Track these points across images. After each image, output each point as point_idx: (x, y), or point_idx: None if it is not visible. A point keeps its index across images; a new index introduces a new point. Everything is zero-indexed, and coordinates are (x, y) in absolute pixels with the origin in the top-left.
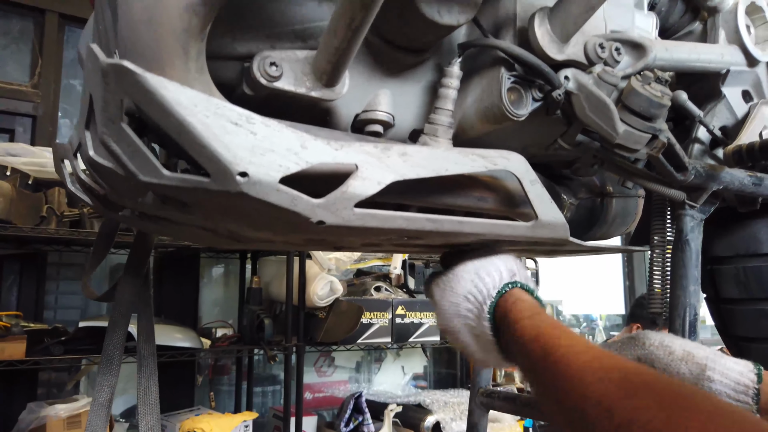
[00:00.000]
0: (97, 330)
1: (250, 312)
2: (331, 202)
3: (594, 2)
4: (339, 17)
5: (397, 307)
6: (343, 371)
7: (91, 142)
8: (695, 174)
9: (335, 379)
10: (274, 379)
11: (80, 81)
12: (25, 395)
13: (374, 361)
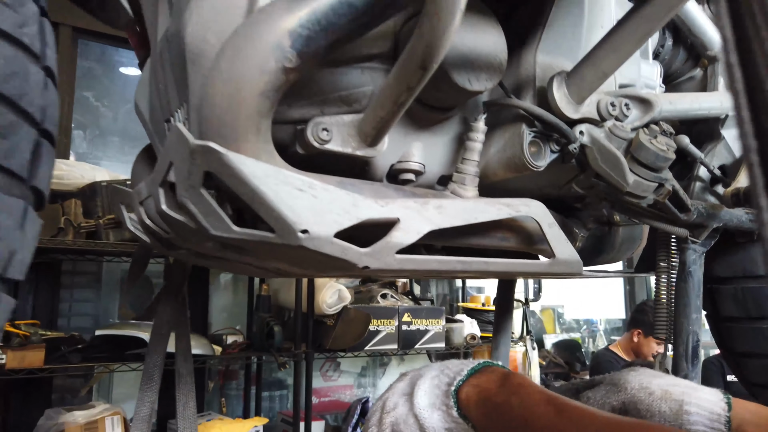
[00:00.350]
0: (113, 338)
1: (260, 319)
2: (376, 251)
3: (606, 70)
4: (387, 95)
5: (403, 314)
6: (349, 376)
7: (164, 198)
8: (697, 213)
9: (340, 383)
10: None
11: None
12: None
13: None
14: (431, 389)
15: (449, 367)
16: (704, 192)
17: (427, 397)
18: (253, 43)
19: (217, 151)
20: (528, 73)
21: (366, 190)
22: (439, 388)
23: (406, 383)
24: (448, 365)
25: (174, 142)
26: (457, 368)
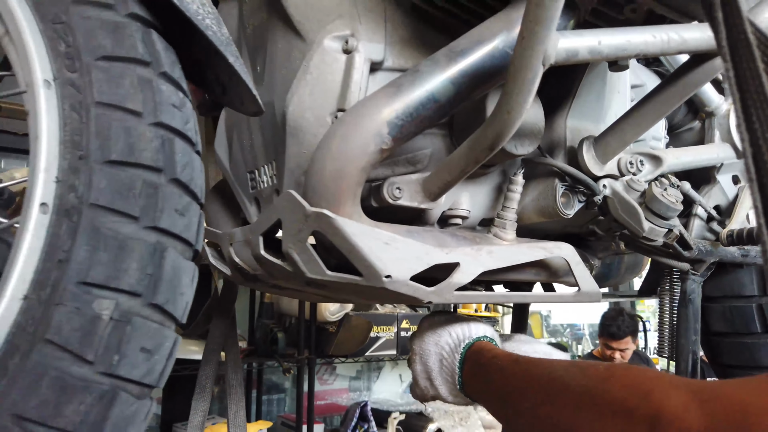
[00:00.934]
0: None
1: (264, 326)
2: (440, 290)
3: (628, 140)
4: (455, 164)
5: (402, 321)
6: (343, 380)
7: (260, 244)
8: (698, 251)
9: (336, 387)
10: (278, 387)
11: None
12: None
13: (374, 370)
14: (442, 376)
15: (446, 352)
16: (702, 229)
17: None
18: (358, 130)
19: (329, 216)
20: (560, 135)
21: (428, 239)
22: (447, 374)
23: (423, 373)
24: (444, 348)
25: (286, 205)
26: (452, 354)
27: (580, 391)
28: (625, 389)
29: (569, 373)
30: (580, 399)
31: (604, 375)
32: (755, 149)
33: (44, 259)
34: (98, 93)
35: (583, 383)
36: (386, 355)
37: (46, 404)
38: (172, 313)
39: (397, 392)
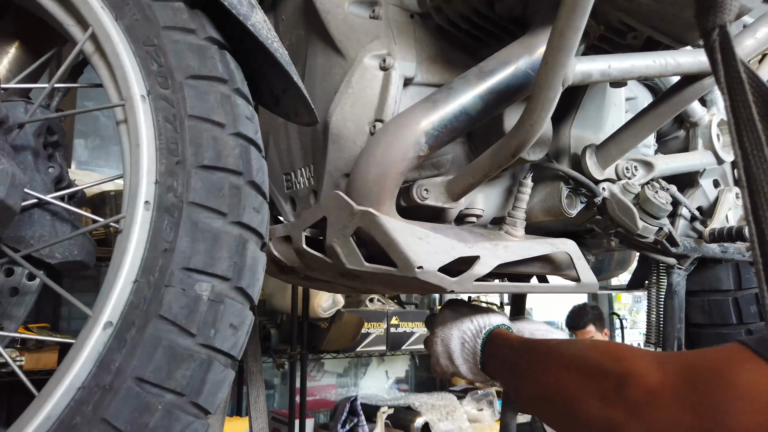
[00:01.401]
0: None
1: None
2: (462, 280)
3: (626, 148)
4: (479, 168)
5: (392, 317)
6: (331, 376)
7: (302, 239)
8: (683, 247)
9: (323, 383)
10: (268, 384)
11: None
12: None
13: (361, 366)
14: (464, 357)
15: (468, 336)
16: (686, 228)
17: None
18: (400, 139)
19: (374, 214)
20: (565, 143)
21: (451, 234)
22: (468, 355)
23: (445, 354)
24: (466, 333)
25: (333, 204)
26: (474, 338)
27: (569, 359)
28: (602, 356)
29: (562, 347)
30: (570, 364)
31: (589, 346)
32: (746, 162)
33: (150, 248)
34: (190, 107)
35: (572, 353)
36: (376, 350)
37: (160, 369)
38: (251, 295)
39: (384, 387)
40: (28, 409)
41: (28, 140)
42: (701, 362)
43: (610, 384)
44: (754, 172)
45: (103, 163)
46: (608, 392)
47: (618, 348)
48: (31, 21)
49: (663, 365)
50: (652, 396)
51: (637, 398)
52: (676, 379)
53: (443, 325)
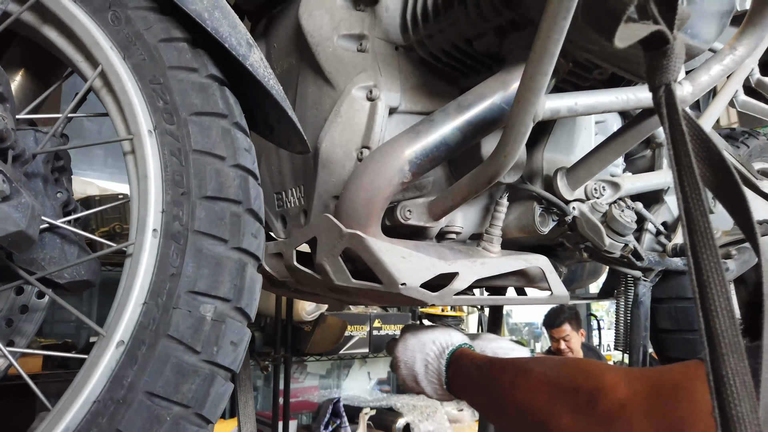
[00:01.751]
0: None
1: None
2: (442, 294)
3: (594, 171)
4: (458, 192)
5: (374, 320)
6: (314, 378)
7: (293, 256)
8: (648, 261)
9: (306, 385)
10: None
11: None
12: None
13: (343, 368)
14: (428, 378)
15: (431, 358)
16: (651, 242)
17: (429, 386)
18: (385, 166)
19: (362, 237)
20: (538, 166)
21: (432, 252)
22: (432, 377)
23: (410, 377)
24: (429, 355)
25: (323, 226)
26: (437, 359)
27: (539, 376)
28: (573, 372)
29: (532, 365)
30: (541, 382)
31: (559, 363)
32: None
33: (158, 273)
34: (194, 142)
35: (542, 371)
36: (359, 353)
37: (169, 384)
38: (249, 314)
39: (366, 389)
40: (46, 422)
41: (38, 168)
42: (666, 378)
43: (582, 399)
44: (692, 213)
45: (86, 166)
46: (580, 406)
47: (588, 364)
48: (36, 51)
49: (631, 381)
50: (621, 410)
51: (608, 412)
52: (643, 394)
53: (405, 349)
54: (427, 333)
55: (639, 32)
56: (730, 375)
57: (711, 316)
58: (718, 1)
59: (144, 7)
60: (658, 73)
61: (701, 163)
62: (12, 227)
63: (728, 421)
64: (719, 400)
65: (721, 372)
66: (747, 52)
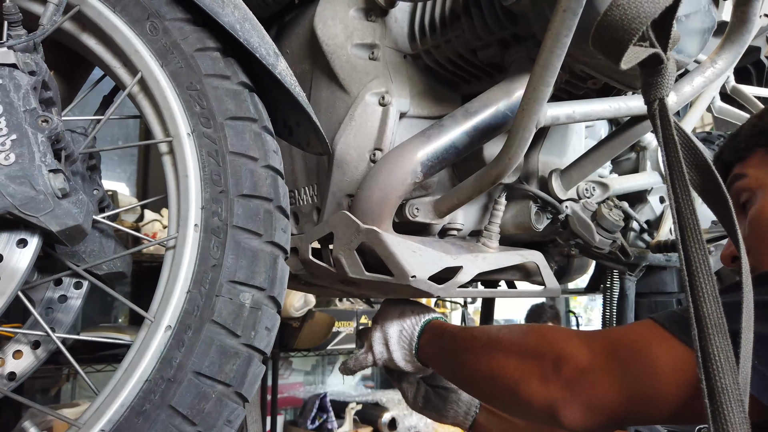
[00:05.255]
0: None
1: None
2: (447, 287)
3: (586, 173)
4: (464, 192)
5: (361, 316)
6: (299, 374)
7: (309, 250)
8: (633, 257)
9: (291, 381)
10: None
11: None
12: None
13: (328, 364)
14: (399, 344)
15: (407, 324)
16: (635, 239)
17: (399, 350)
18: (399, 167)
19: (378, 232)
20: (534, 167)
21: (438, 247)
22: (404, 342)
23: (381, 339)
24: (405, 321)
25: (340, 222)
26: (412, 326)
27: (509, 344)
28: (538, 339)
29: (501, 333)
30: (509, 349)
31: (526, 331)
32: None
33: (200, 264)
34: (231, 144)
35: (511, 338)
36: (346, 348)
37: (213, 364)
38: (280, 302)
39: (351, 384)
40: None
41: (78, 167)
42: (622, 341)
43: (547, 365)
44: (683, 212)
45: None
46: (546, 373)
47: (550, 331)
48: (65, 55)
49: (590, 345)
50: (583, 374)
51: (572, 377)
52: (602, 358)
53: (385, 312)
54: (408, 304)
55: (640, 55)
56: (715, 352)
57: (699, 301)
58: (701, 20)
59: (180, 18)
60: (653, 89)
61: (690, 169)
62: (71, 221)
63: (714, 392)
64: (706, 373)
65: (708, 349)
66: (726, 65)
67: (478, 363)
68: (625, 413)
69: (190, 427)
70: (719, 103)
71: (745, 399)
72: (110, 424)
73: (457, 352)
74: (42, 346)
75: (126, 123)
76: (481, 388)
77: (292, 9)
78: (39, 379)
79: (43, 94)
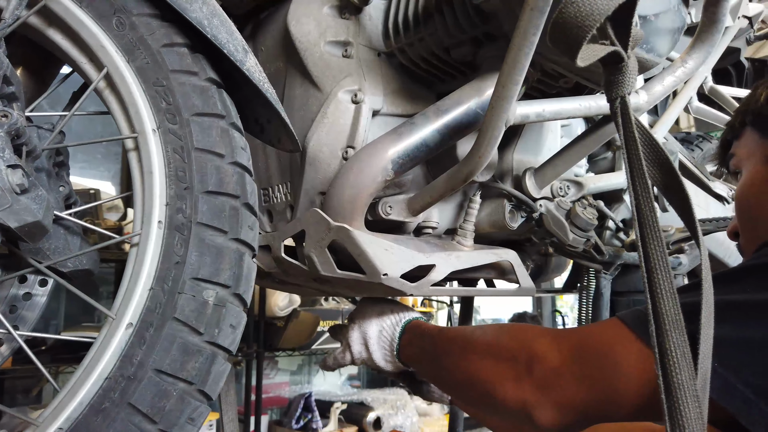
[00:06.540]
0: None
1: None
2: (420, 285)
3: (560, 172)
4: (436, 190)
5: (346, 315)
6: (285, 374)
7: (281, 248)
8: (608, 255)
9: (277, 380)
10: None
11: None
12: None
13: (314, 364)
14: (379, 344)
15: (387, 325)
16: (611, 238)
17: (379, 351)
18: (370, 165)
19: (349, 230)
20: (508, 166)
21: (411, 245)
22: (384, 342)
23: (360, 340)
24: (385, 321)
25: (312, 219)
26: (392, 327)
27: (483, 346)
28: (511, 340)
29: (476, 334)
30: (484, 351)
31: (499, 332)
32: (637, 201)
33: (163, 261)
34: (196, 141)
35: (486, 339)
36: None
37: (175, 362)
38: (246, 299)
39: (337, 384)
40: (61, 396)
41: (43, 163)
42: (588, 341)
43: (520, 367)
44: (642, 208)
45: None
46: (519, 375)
47: (522, 331)
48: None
49: (560, 343)
50: (554, 375)
51: (543, 378)
52: (570, 358)
53: (363, 312)
54: (387, 304)
55: (598, 52)
56: (672, 348)
57: (657, 298)
58: (671, 20)
59: (147, 14)
60: (615, 87)
61: (651, 166)
62: (30, 218)
63: (670, 388)
64: (663, 369)
65: (665, 345)
66: (696, 65)
67: (456, 367)
68: (594, 412)
69: (150, 425)
70: (697, 104)
71: (703, 397)
72: (68, 422)
73: (435, 355)
74: (5, 344)
75: (110, 120)
76: (460, 392)
77: (268, 6)
78: (20, 380)
79: (4, 89)
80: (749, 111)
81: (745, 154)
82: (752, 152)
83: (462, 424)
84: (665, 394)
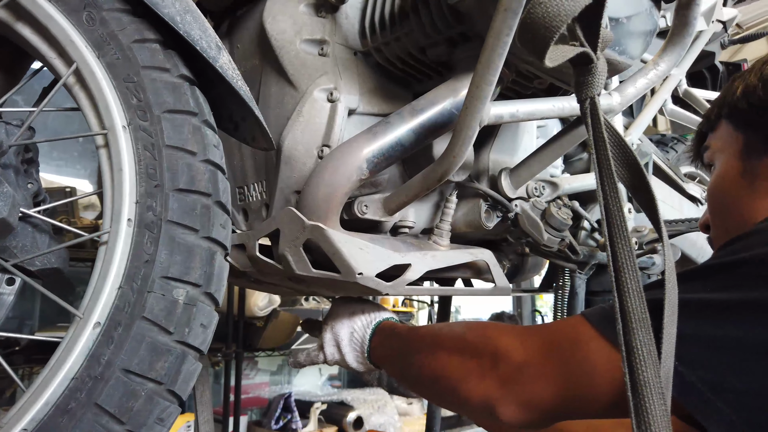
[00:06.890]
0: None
1: None
2: (395, 284)
3: (535, 172)
4: (412, 189)
5: None
6: (265, 374)
7: (256, 247)
8: (583, 255)
9: (257, 381)
10: None
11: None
12: None
13: None
14: (351, 345)
15: (358, 326)
16: (586, 238)
17: (351, 353)
18: (344, 164)
19: (323, 228)
20: (484, 166)
21: (387, 244)
22: (355, 344)
23: (332, 341)
24: (356, 323)
25: (287, 219)
26: (363, 328)
27: (451, 343)
28: (476, 337)
29: (443, 332)
30: (450, 348)
31: (465, 329)
32: (605, 201)
33: (132, 259)
34: (167, 138)
35: (452, 336)
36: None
37: (144, 362)
38: (217, 299)
39: (317, 384)
40: (26, 397)
41: (10, 159)
42: (553, 339)
43: (485, 363)
44: (610, 208)
45: None
46: (484, 371)
47: (488, 328)
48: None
49: (524, 341)
50: (519, 372)
51: (508, 375)
52: (535, 356)
53: (336, 314)
54: (359, 304)
55: (567, 53)
56: (638, 346)
57: (624, 296)
58: (642, 22)
59: (118, 9)
60: (584, 88)
61: (619, 166)
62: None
63: (636, 385)
64: (629, 366)
65: (631, 343)
66: (668, 67)
67: (423, 364)
68: (559, 410)
69: (118, 425)
70: (671, 106)
71: (667, 393)
72: (33, 423)
73: (404, 353)
74: None
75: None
76: (427, 389)
77: (244, 4)
78: None
79: None
80: (725, 104)
81: (719, 147)
82: (726, 145)
83: (439, 423)
84: (631, 391)
